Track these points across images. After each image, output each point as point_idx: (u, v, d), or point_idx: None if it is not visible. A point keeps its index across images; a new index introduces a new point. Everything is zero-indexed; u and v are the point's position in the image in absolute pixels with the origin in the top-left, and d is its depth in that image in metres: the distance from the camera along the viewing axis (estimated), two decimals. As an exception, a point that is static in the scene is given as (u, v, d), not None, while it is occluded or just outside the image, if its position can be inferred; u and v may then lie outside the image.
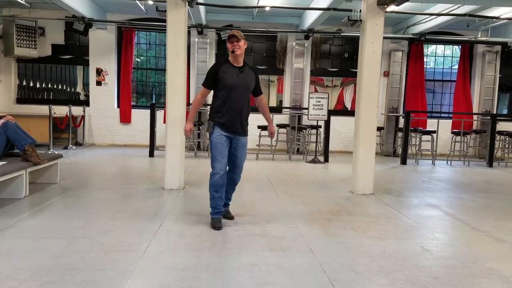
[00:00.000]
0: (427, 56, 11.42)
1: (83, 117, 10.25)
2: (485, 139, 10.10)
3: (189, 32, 10.02)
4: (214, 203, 3.88)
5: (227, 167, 3.92)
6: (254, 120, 3.78)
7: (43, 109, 9.71)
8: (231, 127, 3.81)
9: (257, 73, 4.02)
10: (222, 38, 10.42)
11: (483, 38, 10.38)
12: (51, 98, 10.55)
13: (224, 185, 3.85)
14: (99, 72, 10.53)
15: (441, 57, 11.73)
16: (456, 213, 4.80)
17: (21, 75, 10.50)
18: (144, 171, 7.10)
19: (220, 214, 3.93)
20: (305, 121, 10.09)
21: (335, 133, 10.40)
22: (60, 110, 9.44)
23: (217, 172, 3.77)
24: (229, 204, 4.24)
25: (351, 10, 7.31)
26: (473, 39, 10.48)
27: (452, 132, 9.85)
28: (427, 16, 9.19)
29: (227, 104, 3.77)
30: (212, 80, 3.83)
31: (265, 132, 9.18)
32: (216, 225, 3.83)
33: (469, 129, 10.30)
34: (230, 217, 4.15)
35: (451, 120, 10.78)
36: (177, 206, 4.77)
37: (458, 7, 8.41)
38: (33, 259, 2.96)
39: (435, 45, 11.58)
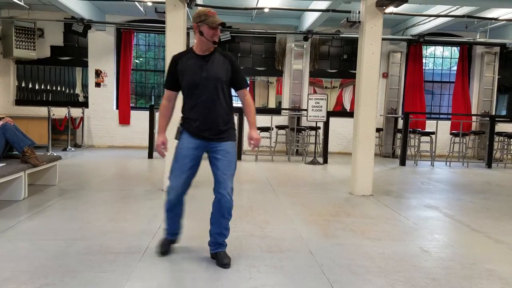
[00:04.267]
0: (426, 57, 11.43)
1: (82, 118, 10.24)
2: (484, 140, 10.12)
3: (188, 34, 10.01)
4: (166, 224, 3.20)
5: (187, 187, 3.09)
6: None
7: (42, 111, 9.69)
8: (202, 136, 2.96)
9: (234, 60, 3.02)
10: (222, 40, 10.42)
11: (482, 40, 10.41)
12: (50, 99, 10.54)
13: (178, 206, 3.10)
14: (98, 73, 10.53)
15: (439, 59, 11.74)
16: (455, 214, 4.80)
17: (20, 77, 10.49)
18: (143, 172, 7.10)
19: (172, 236, 3.23)
20: (304, 122, 10.09)
21: (334, 134, 10.39)
22: (59, 112, 9.43)
23: (171, 188, 3.01)
24: (223, 244, 3.09)
25: (350, 12, 7.33)
26: (471, 40, 10.51)
27: (451, 133, 9.87)
28: (426, 17, 9.21)
29: (192, 108, 2.95)
30: (171, 78, 3.01)
31: (265, 133, 9.19)
32: (158, 248, 3.18)
33: (468, 130, 10.32)
34: (224, 263, 2.98)
35: (450, 121, 10.78)
36: (176, 208, 4.76)
37: (457, 8, 8.43)
38: (32, 261, 2.96)
39: (434, 47, 11.60)
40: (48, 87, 10.61)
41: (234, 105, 3.12)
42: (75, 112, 10.03)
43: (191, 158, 2.98)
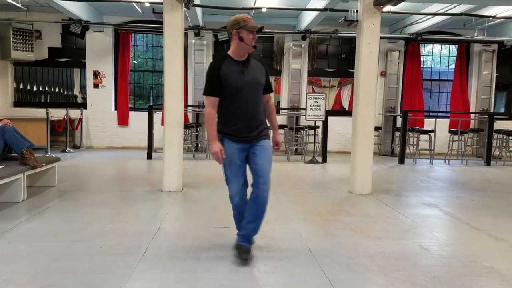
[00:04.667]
0: (423, 55, 11.44)
1: (80, 119, 10.23)
2: (482, 138, 10.14)
3: (186, 34, 10.00)
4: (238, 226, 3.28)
5: (246, 188, 3.17)
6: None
7: (41, 112, 9.66)
8: (245, 137, 3.06)
9: (266, 66, 3.27)
10: (220, 40, 10.42)
11: (480, 37, 10.42)
12: (48, 101, 10.53)
13: (245, 207, 3.16)
14: (96, 74, 10.52)
15: (437, 57, 11.75)
16: (454, 212, 4.81)
17: (18, 79, 10.48)
18: (142, 173, 7.09)
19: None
20: (303, 121, 10.10)
21: (333, 133, 10.40)
22: (58, 113, 9.41)
23: (234, 195, 3.13)
24: (251, 240, 3.18)
25: (347, 11, 7.32)
26: (469, 38, 10.51)
27: (450, 131, 9.88)
28: (424, 15, 9.21)
29: (236, 111, 3.03)
30: (215, 85, 3.00)
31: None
32: (242, 255, 3.13)
33: (466, 128, 10.32)
34: (243, 257, 3.09)
35: (448, 119, 10.80)
36: (176, 208, 4.77)
37: (454, 6, 8.43)
38: (32, 263, 2.95)
39: (431, 45, 11.61)
40: (46, 89, 10.60)
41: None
42: (74, 113, 10.01)
43: (240, 163, 3.09)
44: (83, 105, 10.55)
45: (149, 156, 8.82)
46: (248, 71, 3.06)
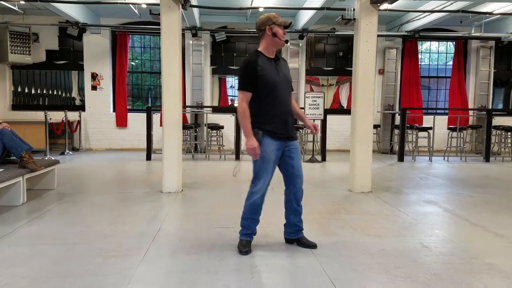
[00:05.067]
0: (421, 53, 11.45)
1: (79, 122, 10.22)
2: (481, 134, 10.14)
3: (183, 35, 10.01)
4: (246, 223, 3.28)
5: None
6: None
7: (39, 115, 9.65)
8: (283, 133, 3.16)
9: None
10: (217, 40, 10.42)
11: (477, 34, 10.43)
12: (46, 104, 10.52)
13: (261, 206, 3.29)
14: (94, 76, 10.51)
15: (435, 54, 11.76)
16: (454, 209, 4.81)
17: (16, 82, 10.47)
18: (142, 174, 7.09)
19: (251, 237, 3.32)
20: (301, 120, 10.09)
21: (332, 132, 10.41)
22: (56, 116, 9.41)
23: (257, 191, 3.19)
24: (302, 229, 3.50)
25: (344, 9, 7.32)
26: (467, 35, 10.53)
27: (448, 128, 9.88)
28: (421, 13, 9.22)
29: (272, 108, 3.10)
30: (252, 79, 3.06)
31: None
32: (243, 249, 3.21)
33: (465, 124, 10.35)
34: (312, 245, 3.39)
35: (447, 116, 10.81)
36: (176, 209, 4.77)
37: (451, 3, 8.44)
38: (32, 266, 2.95)
39: (429, 42, 11.62)
40: (45, 92, 10.59)
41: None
42: (72, 115, 9.99)
43: (274, 160, 3.18)
44: (82, 108, 10.55)
45: (148, 158, 8.81)
46: (280, 68, 3.18)
